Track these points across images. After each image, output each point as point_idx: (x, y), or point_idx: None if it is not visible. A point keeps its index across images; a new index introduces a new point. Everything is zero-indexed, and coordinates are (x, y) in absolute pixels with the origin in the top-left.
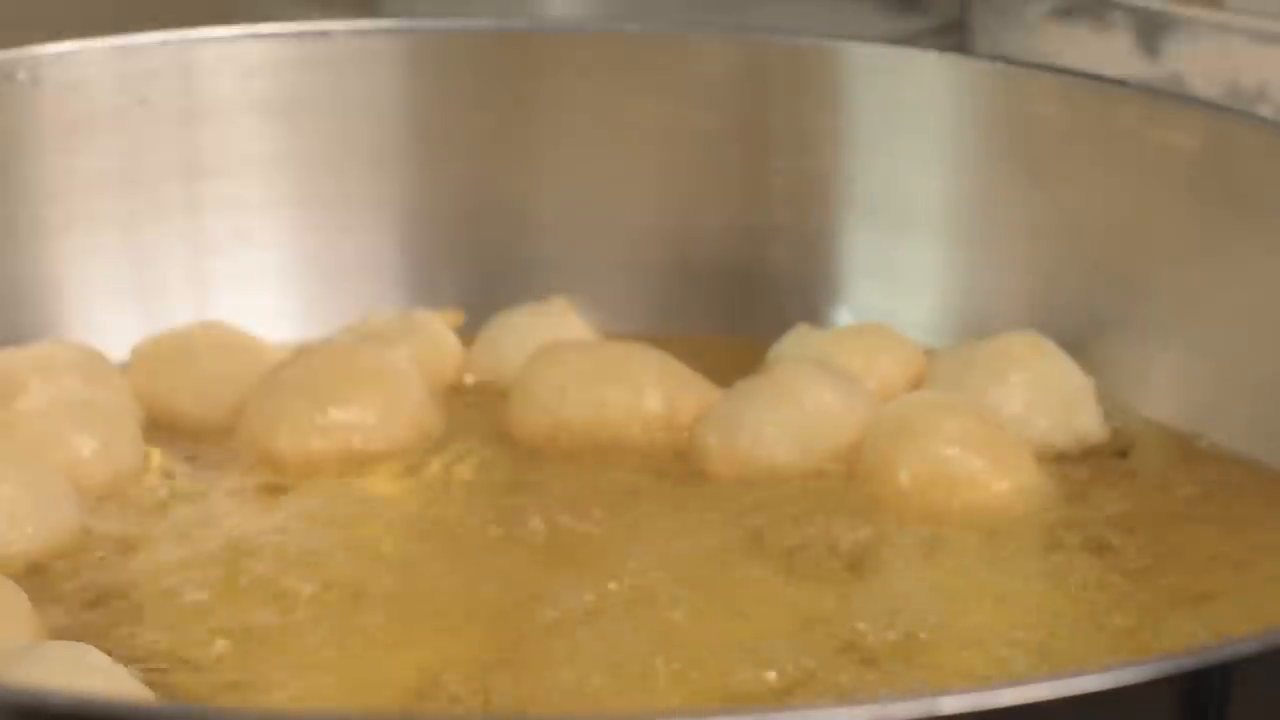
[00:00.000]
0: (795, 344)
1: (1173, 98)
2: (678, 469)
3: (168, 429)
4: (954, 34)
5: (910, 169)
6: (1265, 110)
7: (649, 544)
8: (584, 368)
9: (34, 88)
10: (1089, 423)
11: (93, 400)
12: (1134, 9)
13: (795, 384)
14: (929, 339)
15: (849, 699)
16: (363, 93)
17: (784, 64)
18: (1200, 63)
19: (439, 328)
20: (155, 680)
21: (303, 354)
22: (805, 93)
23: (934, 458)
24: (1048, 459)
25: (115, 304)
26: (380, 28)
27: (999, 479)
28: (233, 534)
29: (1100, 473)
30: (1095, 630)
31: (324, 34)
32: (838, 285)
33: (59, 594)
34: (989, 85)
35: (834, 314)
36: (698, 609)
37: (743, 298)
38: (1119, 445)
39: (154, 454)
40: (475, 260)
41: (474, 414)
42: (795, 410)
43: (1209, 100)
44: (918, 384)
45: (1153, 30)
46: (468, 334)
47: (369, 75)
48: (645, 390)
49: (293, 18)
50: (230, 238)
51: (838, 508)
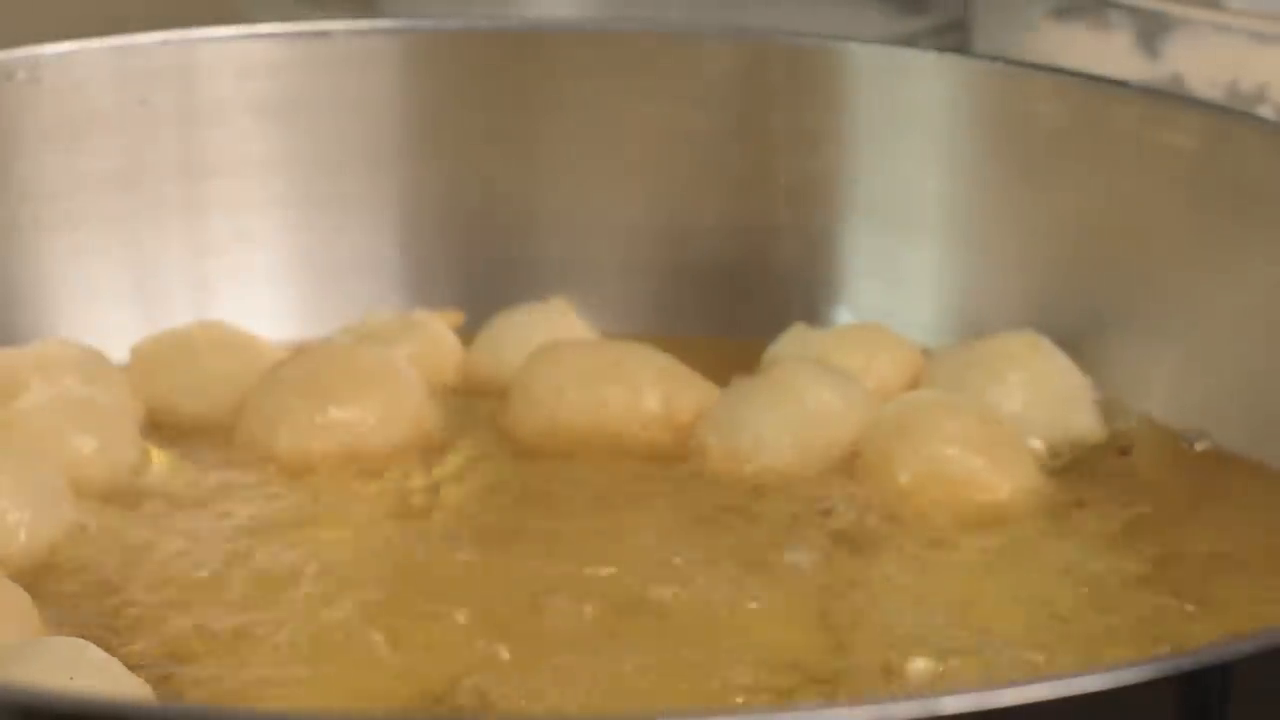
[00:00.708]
0: (792, 343)
1: (1173, 98)
2: (677, 468)
3: (167, 428)
4: (954, 34)
5: (910, 169)
6: (1265, 110)
7: (648, 543)
8: (583, 367)
9: (34, 88)
10: (1087, 422)
11: (92, 399)
12: (1134, 9)
13: (795, 383)
14: (929, 339)
15: (849, 699)
16: (362, 93)
17: (784, 64)
18: (1200, 63)
19: (438, 327)
20: (154, 680)
21: (302, 354)
22: (806, 93)
23: (933, 457)
24: (1046, 458)
25: (115, 304)
26: (379, 28)
27: (998, 478)
28: (232, 533)
29: (1098, 472)
30: (1094, 630)
31: (324, 34)
32: (837, 285)
33: (58, 593)
34: (989, 85)
35: (833, 314)
36: (697, 608)
37: (742, 298)
38: (1117, 444)
39: (153, 453)
40: (475, 260)
41: (473, 414)
42: (795, 410)
43: (1209, 100)
44: (915, 384)
45: (1153, 30)
46: (467, 334)
47: (368, 75)
48: (644, 390)
49: (293, 18)
50: (230, 238)
51: (837, 507)
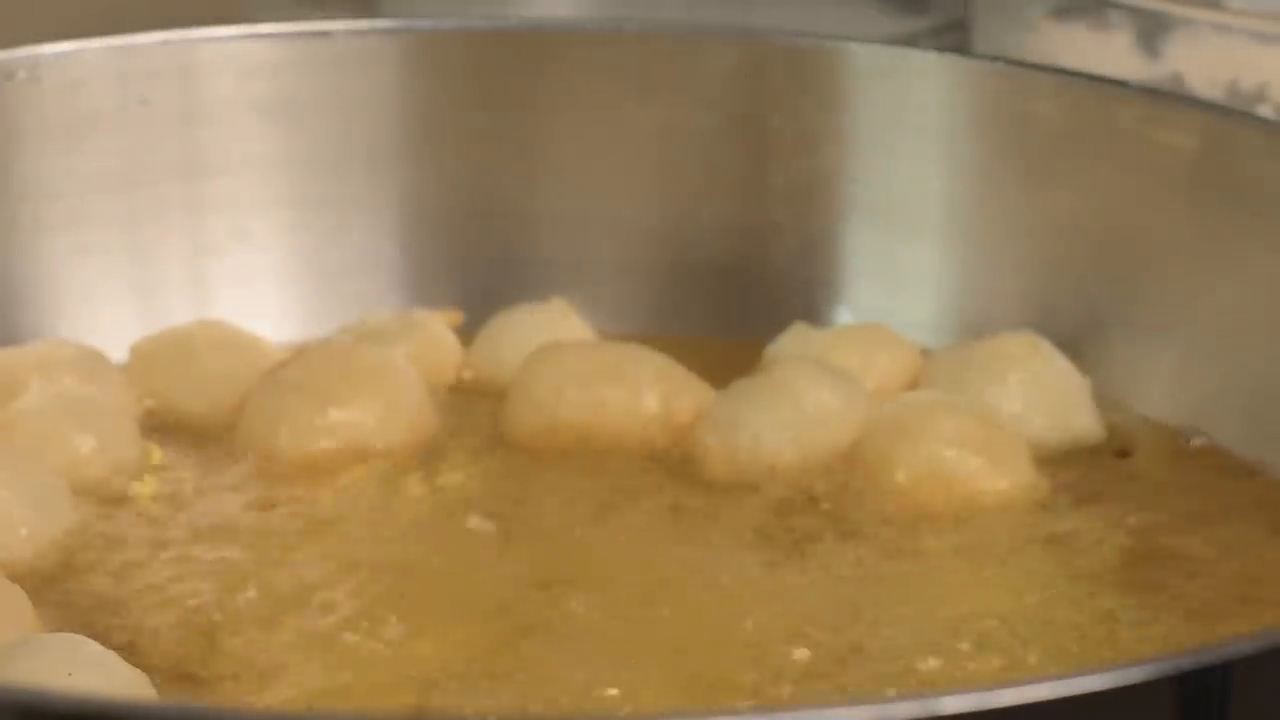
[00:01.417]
0: (791, 343)
1: (1173, 98)
2: (676, 469)
3: (167, 428)
4: (954, 34)
5: (910, 169)
6: (1265, 110)
7: (647, 543)
8: (582, 368)
9: (34, 88)
10: (1086, 422)
11: (92, 399)
12: (1134, 9)
13: (795, 383)
14: (928, 339)
15: (849, 699)
16: (362, 93)
17: (784, 64)
18: (1200, 63)
19: (438, 327)
20: (153, 679)
21: (302, 353)
22: (805, 93)
23: (932, 457)
24: (1045, 459)
25: (115, 303)
26: (379, 28)
27: (997, 479)
28: (231, 532)
29: (1097, 472)
30: (1093, 629)
31: (324, 34)
32: (837, 285)
33: (57, 593)
34: (989, 85)
35: (833, 314)
36: (696, 608)
37: (742, 298)
38: (1116, 445)
39: (153, 452)
40: (474, 260)
41: (472, 414)
42: (794, 410)
43: (1209, 100)
44: (914, 384)
45: (1153, 30)
46: (467, 334)
47: (368, 75)
48: (643, 390)
49: (293, 18)
50: (230, 238)
51: (836, 507)
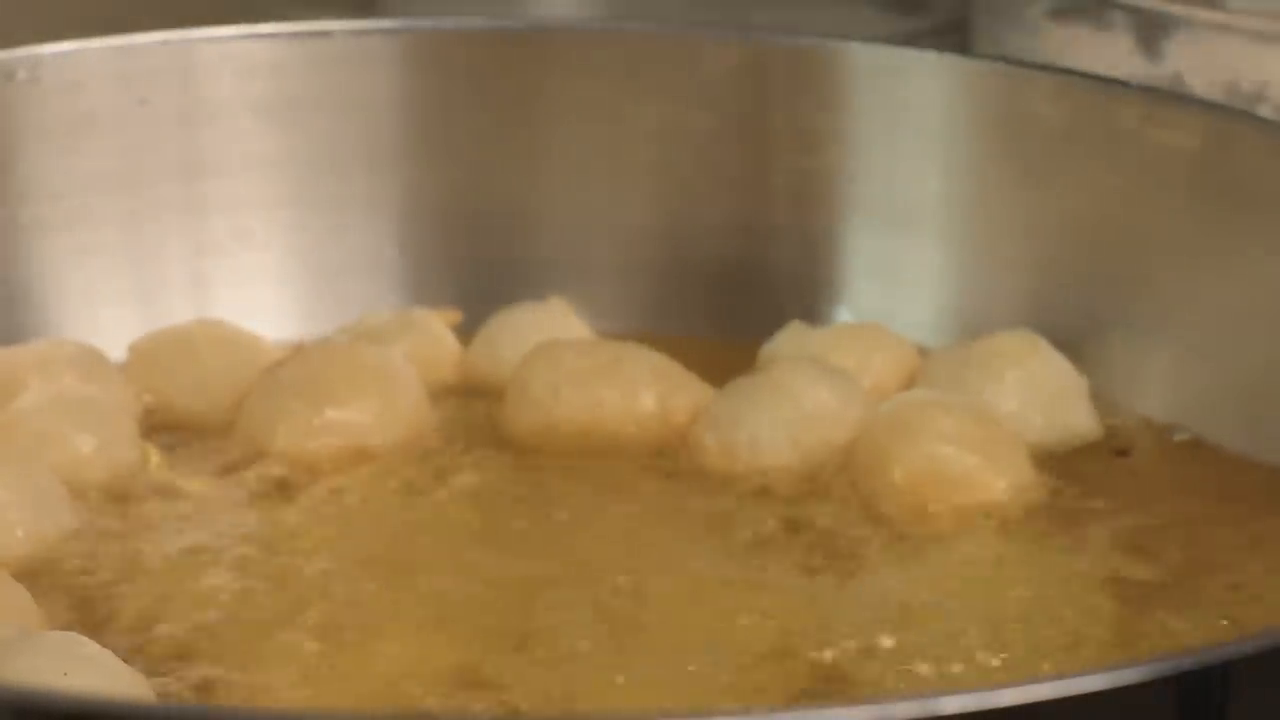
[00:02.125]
0: (789, 342)
1: (1173, 98)
2: (674, 468)
3: (166, 427)
4: (954, 34)
5: (910, 169)
6: (1265, 110)
7: (645, 543)
8: (580, 367)
9: (34, 88)
10: (1084, 421)
11: (91, 399)
12: (1134, 9)
13: (792, 383)
14: (928, 338)
15: (849, 699)
16: (362, 93)
17: (784, 64)
18: (1200, 63)
19: (436, 327)
20: (153, 679)
21: (301, 353)
22: (805, 93)
23: (929, 456)
24: (1042, 458)
25: (115, 303)
26: (379, 28)
27: (994, 477)
28: (230, 532)
29: (1095, 471)
30: (1091, 629)
31: (324, 34)
32: (836, 285)
33: (56, 592)
34: (989, 85)
35: (832, 314)
36: (695, 608)
37: (741, 298)
38: (1114, 444)
39: (152, 452)
40: (473, 259)
41: (470, 413)
42: (792, 409)
43: (1209, 100)
44: (911, 383)
45: (1153, 30)
46: (465, 333)
47: (368, 75)
48: (640, 390)
49: (293, 18)
50: (229, 237)
51: (834, 506)
